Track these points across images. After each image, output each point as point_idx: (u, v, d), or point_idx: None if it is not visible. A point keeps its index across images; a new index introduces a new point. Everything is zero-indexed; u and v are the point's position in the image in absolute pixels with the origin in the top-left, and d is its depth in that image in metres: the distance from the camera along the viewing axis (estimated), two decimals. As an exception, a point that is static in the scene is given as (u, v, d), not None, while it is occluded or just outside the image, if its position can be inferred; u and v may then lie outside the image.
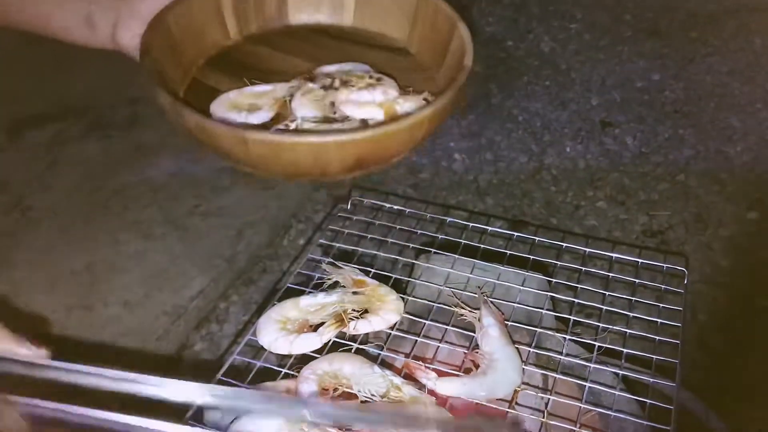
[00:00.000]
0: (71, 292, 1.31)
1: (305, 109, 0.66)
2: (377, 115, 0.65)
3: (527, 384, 0.82)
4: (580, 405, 0.79)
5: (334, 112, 0.66)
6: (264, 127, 0.65)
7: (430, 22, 0.71)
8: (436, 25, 0.70)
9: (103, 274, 1.36)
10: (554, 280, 0.94)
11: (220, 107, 0.67)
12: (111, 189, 1.57)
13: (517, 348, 0.84)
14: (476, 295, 0.90)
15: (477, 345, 0.85)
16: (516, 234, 0.98)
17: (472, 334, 0.87)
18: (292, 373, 0.83)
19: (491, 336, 0.83)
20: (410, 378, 0.82)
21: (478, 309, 0.88)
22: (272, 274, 1.44)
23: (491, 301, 0.89)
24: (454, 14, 0.68)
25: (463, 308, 0.88)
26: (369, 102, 0.66)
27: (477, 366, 0.83)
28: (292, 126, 0.64)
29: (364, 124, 0.65)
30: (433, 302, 0.90)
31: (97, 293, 1.32)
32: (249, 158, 0.58)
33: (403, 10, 0.73)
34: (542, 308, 0.90)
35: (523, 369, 0.82)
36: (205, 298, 1.35)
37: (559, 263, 0.95)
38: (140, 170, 1.61)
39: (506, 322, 0.87)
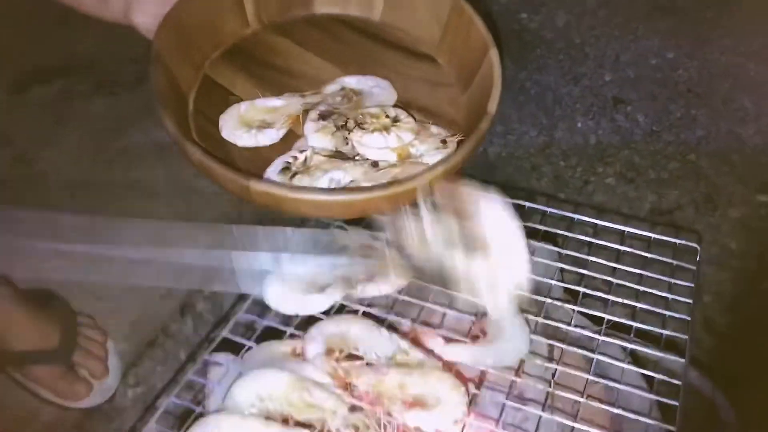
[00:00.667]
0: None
1: (317, 140, 0.64)
2: (390, 157, 0.63)
3: (534, 353, 0.81)
4: (588, 376, 0.78)
5: (347, 143, 0.64)
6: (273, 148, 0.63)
7: (463, 35, 0.66)
8: (468, 41, 0.65)
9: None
10: (564, 252, 0.93)
11: (229, 122, 0.64)
12: (117, 148, 1.55)
13: (525, 318, 0.83)
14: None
15: (485, 313, 0.84)
16: (528, 204, 0.97)
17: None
18: (297, 333, 0.82)
19: (500, 305, 0.83)
20: (417, 343, 0.81)
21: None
22: (276, 239, 1.44)
23: (501, 271, 0.89)
24: (488, 36, 0.65)
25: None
26: (382, 147, 0.64)
27: (484, 333, 0.82)
28: (301, 158, 0.62)
29: (376, 164, 0.63)
30: (442, 269, 0.90)
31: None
32: (251, 200, 0.56)
33: (435, 14, 0.68)
34: (551, 279, 0.89)
35: (531, 339, 0.82)
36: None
37: (570, 235, 0.94)
38: (146, 130, 1.60)
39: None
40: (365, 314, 0.84)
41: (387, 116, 0.65)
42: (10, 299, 1.05)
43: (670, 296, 0.86)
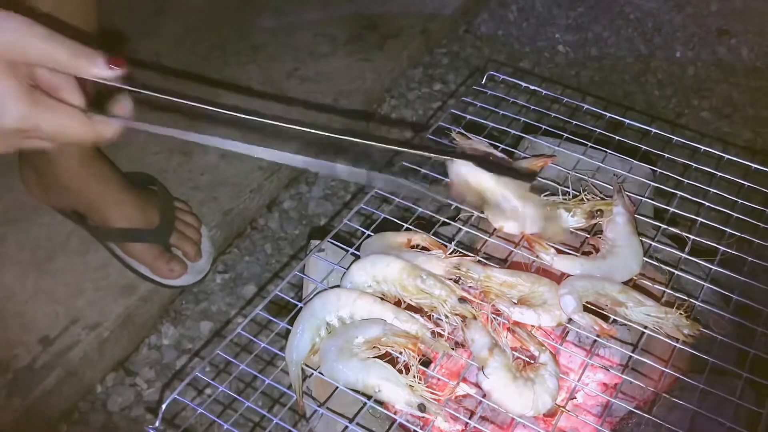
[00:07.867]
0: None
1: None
2: None
3: (643, 275, 0.82)
4: (666, 290, 0.80)
5: None
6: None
7: None
8: None
9: (202, 124, 1.39)
10: (659, 171, 0.93)
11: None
12: (213, 42, 1.59)
13: (640, 240, 0.83)
14: (605, 183, 0.90)
15: (599, 231, 0.86)
16: (628, 122, 0.97)
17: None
18: (413, 228, 0.85)
19: (618, 224, 0.84)
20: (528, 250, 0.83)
21: (609, 197, 0.88)
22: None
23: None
24: None
25: (595, 195, 0.88)
26: None
27: (597, 250, 0.84)
28: None
29: None
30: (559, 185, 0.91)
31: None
32: None
33: None
34: (642, 197, 0.89)
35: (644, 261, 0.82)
36: (298, 159, 1.38)
37: (666, 155, 0.94)
38: (243, 27, 1.63)
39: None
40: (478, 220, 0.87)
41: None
42: (115, 181, 1.11)
43: (761, 225, 0.85)
